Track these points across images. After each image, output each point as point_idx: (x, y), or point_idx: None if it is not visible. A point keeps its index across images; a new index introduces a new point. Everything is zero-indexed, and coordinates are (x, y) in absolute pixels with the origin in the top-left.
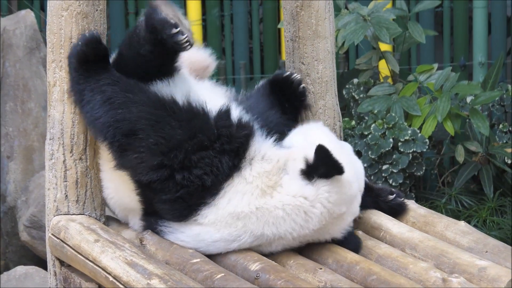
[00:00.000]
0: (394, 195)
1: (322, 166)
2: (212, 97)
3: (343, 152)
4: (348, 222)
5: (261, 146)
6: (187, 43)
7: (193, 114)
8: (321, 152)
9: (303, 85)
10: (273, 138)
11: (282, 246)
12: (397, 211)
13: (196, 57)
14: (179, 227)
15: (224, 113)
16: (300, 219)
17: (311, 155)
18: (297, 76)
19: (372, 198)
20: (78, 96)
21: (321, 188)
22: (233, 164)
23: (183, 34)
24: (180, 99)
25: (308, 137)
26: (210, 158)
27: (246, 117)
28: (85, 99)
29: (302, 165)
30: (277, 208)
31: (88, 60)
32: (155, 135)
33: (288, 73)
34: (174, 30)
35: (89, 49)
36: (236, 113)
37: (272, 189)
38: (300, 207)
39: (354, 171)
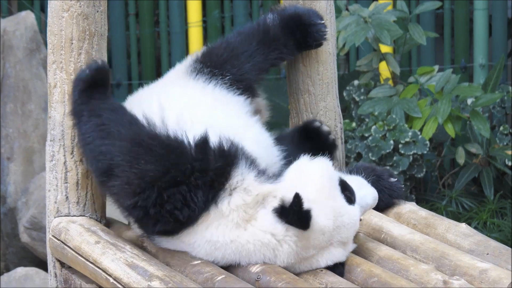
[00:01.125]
0: (396, 178)
1: (292, 214)
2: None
3: (329, 201)
4: (319, 263)
5: (245, 177)
6: (326, 36)
7: (170, 148)
8: (296, 201)
9: (332, 136)
10: (258, 168)
11: None
12: (396, 193)
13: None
14: (169, 239)
15: (201, 144)
16: (269, 254)
17: (289, 198)
18: (325, 127)
19: (376, 177)
20: (77, 117)
21: (290, 231)
22: (207, 198)
23: (326, 27)
24: (162, 130)
25: (303, 176)
26: (182, 193)
27: (230, 145)
28: (82, 120)
29: (277, 204)
30: (248, 242)
31: (94, 86)
32: (129, 172)
33: (317, 123)
34: (320, 21)
35: (98, 76)
36: (217, 140)
37: (246, 223)
38: (268, 244)
39: (333, 223)
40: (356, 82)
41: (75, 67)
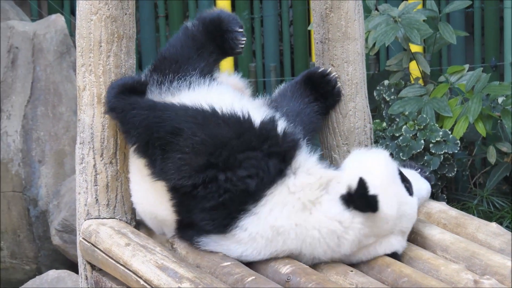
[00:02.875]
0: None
1: (359, 199)
2: (254, 109)
3: (393, 189)
4: (377, 251)
5: (306, 160)
6: (242, 46)
7: (239, 118)
8: (361, 186)
9: (339, 84)
10: (317, 155)
11: (312, 261)
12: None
13: (230, 80)
14: (219, 240)
15: (270, 120)
16: (333, 243)
17: (355, 184)
18: (333, 74)
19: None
20: (120, 108)
21: (356, 218)
22: (279, 169)
23: (243, 36)
24: (224, 107)
25: (364, 164)
26: (257, 159)
27: (291, 129)
28: (127, 108)
29: (343, 191)
30: (314, 228)
31: (132, 90)
32: (201, 133)
33: (322, 69)
34: (239, 29)
35: (138, 85)
36: (282, 123)
37: (312, 205)
38: (334, 231)
39: (397, 211)
40: (386, 81)
41: (104, 69)
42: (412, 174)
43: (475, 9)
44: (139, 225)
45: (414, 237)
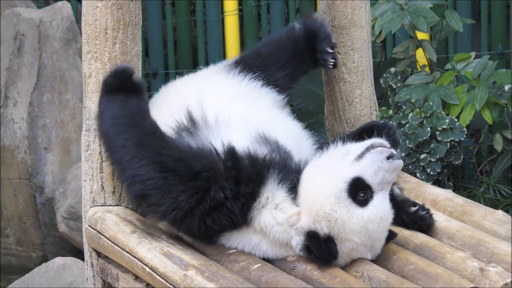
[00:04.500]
0: (417, 207)
1: (316, 253)
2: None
3: (348, 224)
4: None
5: (274, 195)
6: (333, 64)
7: (199, 173)
8: (312, 240)
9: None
10: (288, 185)
11: None
12: (419, 225)
13: None
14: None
15: (232, 163)
16: None
17: (306, 238)
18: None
19: (394, 210)
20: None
21: None
22: (243, 215)
23: (334, 58)
24: (191, 145)
25: (312, 198)
26: (223, 214)
27: (259, 162)
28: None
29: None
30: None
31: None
32: (165, 202)
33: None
34: (329, 49)
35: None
36: (247, 155)
37: (286, 245)
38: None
39: (358, 241)
40: (392, 69)
41: (110, 56)
42: (371, 161)
43: None
44: (145, 212)
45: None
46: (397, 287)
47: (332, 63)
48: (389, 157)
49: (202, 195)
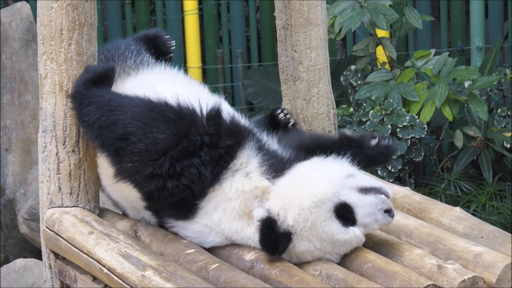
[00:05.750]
0: (377, 138)
1: (262, 239)
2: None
3: (316, 229)
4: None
5: (248, 161)
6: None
7: (182, 115)
8: (266, 226)
9: (292, 122)
10: (262, 155)
11: None
12: (384, 155)
13: None
14: (183, 224)
15: (213, 115)
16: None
17: (273, 214)
18: (283, 115)
19: (357, 149)
20: (79, 99)
21: None
22: (213, 174)
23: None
24: (171, 98)
25: (300, 186)
26: (195, 167)
27: (237, 121)
28: (84, 103)
29: (261, 217)
30: (250, 238)
31: (99, 80)
32: (145, 140)
33: (278, 111)
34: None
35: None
36: (228, 112)
37: (247, 216)
38: None
39: (314, 248)
40: (353, 67)
41: (66, 57)
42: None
43: None
44: (102, 213)
45: None
46: (355, 286)
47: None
48: (387, 211)
49: (180, 137)
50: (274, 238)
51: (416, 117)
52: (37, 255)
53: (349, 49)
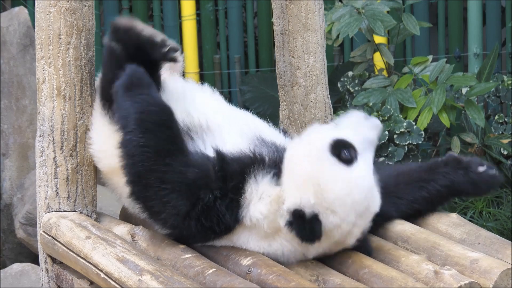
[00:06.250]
0: (485, 166)
1: (301, 230)
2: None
3: (334, 194)
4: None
5: (257, 188)
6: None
7: (196, 178)
8: (297, 218)
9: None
10: (269, 175)
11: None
12: (489, 184)
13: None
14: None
15: (220, 166)
16: (299, 256)
17: (291, 216)
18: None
19: (462, 171)
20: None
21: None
22: (233, 217)
23: (175, 50)
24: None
25: (296, 174)
26: (216, 214)
27: (238, 159)
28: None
29: (287, 218)
30: (278, 250)
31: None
32: (164, 208)
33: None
34: (165, 49)
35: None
36: (229, 156)
37: (272, 234)
38: (297, 249)
39: (346, 212)
40: (350, 73)
41: (63, 62)
42: (351, 124)
43: (438, 0)
44: (99, 217)
45: (375, 228)
46: None
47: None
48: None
49: (196, 199)
50: (307, 225)
51: (413, 123)
52: (34, 259)
53: (346, 55)
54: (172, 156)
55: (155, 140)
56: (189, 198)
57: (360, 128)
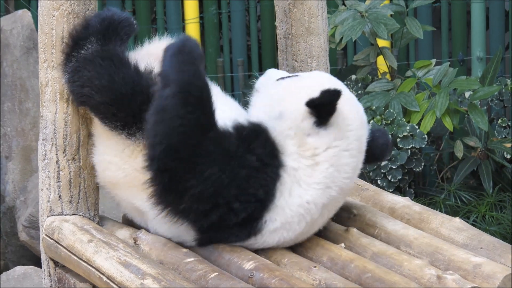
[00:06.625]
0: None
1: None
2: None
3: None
4: None
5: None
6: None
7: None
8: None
9: None
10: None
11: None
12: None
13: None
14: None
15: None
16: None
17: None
18: None
19: None
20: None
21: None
22: (277, 169)
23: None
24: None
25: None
26: (257, 178)
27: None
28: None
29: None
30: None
31: None
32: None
33: None
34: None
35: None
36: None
37: (312, 158)
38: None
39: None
40: (353, 76)
41: None
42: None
43: (442, 3)
44: (102, 221)
45: (378, 233)
46: None
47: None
48: None
49: (238, 168)
50: (319, 100)
51: (417, 127)
52: (37, 262)
53: (349, 59)
54: (209, 130)
55: (196, 113)
56: (231, 168)
57: None
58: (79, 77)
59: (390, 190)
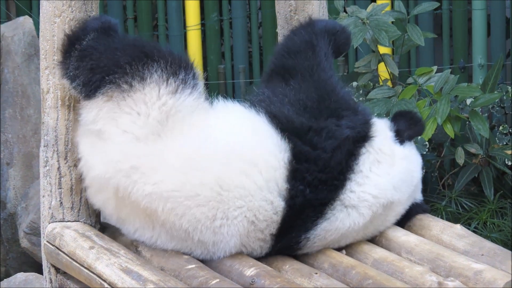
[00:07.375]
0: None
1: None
2: None
3: None
4: None
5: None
6: None
7: None
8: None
9: None
10: None
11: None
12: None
13: None
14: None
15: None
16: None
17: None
18: None
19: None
20: None
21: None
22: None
23: None
24: None
25: None
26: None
27: None
28: None
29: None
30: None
31: None
32: None
33: None
34: None
35: None
36: None
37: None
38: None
39: None
40: (355, 83)
41: None
42: None
43: (443, 10)
44: (103, 228)
45: (379, 239)
46: None
47: None
48: None
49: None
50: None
51: None
52: (38, 269)
53: (351, 66)
54: None
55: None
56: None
57: None
58: (87, 61)
59: None
